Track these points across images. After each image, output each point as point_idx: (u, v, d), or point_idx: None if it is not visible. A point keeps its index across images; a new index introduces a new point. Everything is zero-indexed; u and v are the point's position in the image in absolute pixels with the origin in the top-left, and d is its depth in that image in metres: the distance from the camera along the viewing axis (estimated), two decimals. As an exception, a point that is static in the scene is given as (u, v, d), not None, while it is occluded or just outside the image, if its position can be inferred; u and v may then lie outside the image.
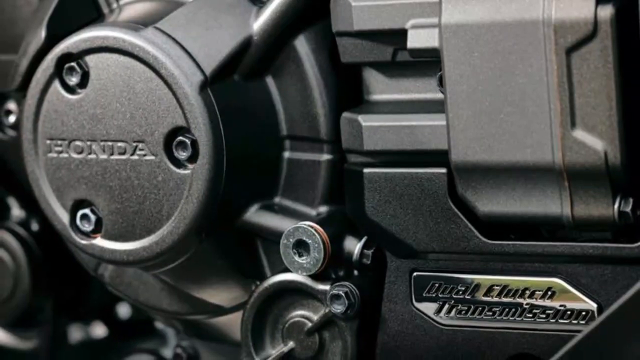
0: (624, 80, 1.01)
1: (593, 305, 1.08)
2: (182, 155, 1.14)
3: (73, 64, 1.17)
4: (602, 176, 1.03)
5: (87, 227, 1.19)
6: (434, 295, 1.13)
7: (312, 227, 1.13)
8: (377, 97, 1.15)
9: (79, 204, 1.19)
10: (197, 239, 1.17)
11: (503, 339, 1.11)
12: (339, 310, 1.13)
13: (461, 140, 1.06)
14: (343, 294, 1.13)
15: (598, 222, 1.05)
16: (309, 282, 1.15)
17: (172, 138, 1.14)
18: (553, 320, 1.09)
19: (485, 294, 1.11)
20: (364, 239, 1.16)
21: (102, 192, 1.17)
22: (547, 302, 1.09)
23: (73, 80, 1.17)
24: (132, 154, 1.16)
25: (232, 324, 1.26)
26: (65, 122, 1.18)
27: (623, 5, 1.01)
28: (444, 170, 1.10)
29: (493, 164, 1.06)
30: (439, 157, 1.09)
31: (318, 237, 1.13)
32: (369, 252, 1.15)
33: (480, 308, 1.11)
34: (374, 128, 1.12)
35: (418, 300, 1.14)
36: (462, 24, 1.04)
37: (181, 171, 1.14)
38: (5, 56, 1.31)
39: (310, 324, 1.16)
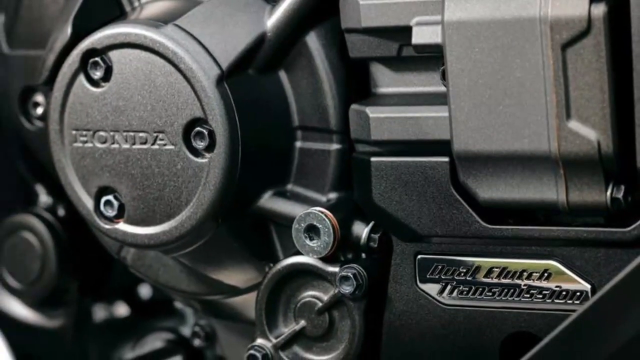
0: (616, 74, 1.02)
1: (587, 286, 1.09)
2: (200, 144, 1.15)
3: (97, 59, 1.18)
4: (596, 164, 1.04)
5: (111, 213, 1.20)
6: (437, 276, 1.14)
7: (322, 212, 1.14)
8: (383, 90, 1.16)
9: (102, 191, 1.20)
10: (214, 223, 1.18)
11: (502, 318, 1.11)
12: (347, 291, 1.14)
13: (463, 130, 1.07)
14: (351, 276, 1.14)
15: (592, 207, 1.06)
16: (319, 264, 1.16)
17: (190, 129, 1.15)
18: (549, 300, 1.10)
19: (486, 276, 1.12)
20: (371, 224, 1.17)
21: (125, 180, 1.19)
22: (544, 283, 1.10)
23: (97, 74, 1.18)
24: (153, 144, 1.17)
25: (247, 303, 1.27)
26: (90, 113, 1.19)
27: (616, 3, 1.02)
28: (446, 159, 1.11)
29: (493, 153, 1.07)
30: (441, 147, 1.10)
31: (328, 222, 1.14)
32: (376, 236, 1.17)
33: (480, 289, 1.12)
34: (381, 119, 1.13)
35: (422, 282, 1.15)
36: (463, 21, 1.05)
37: (199, 160, 1.15)
38: (33, 52, 1.33)
39: (320, 304, 1.17)
